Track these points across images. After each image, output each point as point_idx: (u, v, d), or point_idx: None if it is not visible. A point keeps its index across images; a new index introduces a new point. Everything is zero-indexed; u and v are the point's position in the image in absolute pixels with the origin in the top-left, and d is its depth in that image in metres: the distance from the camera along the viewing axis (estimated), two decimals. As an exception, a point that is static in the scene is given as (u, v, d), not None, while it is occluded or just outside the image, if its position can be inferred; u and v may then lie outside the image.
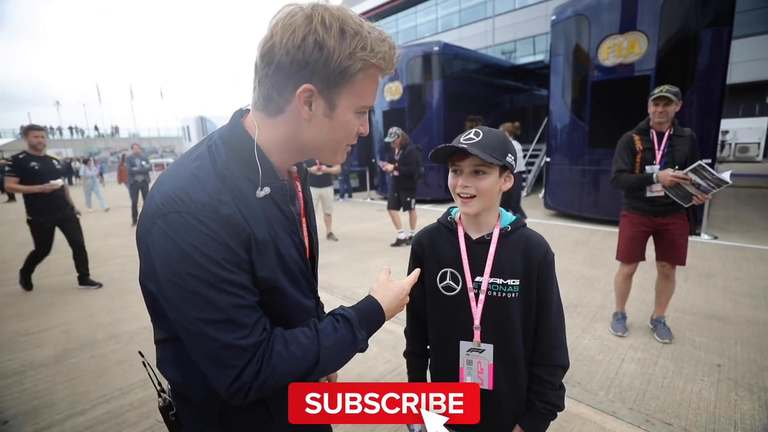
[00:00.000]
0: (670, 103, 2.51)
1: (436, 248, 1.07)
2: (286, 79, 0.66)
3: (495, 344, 1.00)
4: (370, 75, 0.69)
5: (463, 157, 0.95)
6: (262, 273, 0.69)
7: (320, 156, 0.78)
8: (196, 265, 0.61)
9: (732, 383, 2.28)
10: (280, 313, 0.75)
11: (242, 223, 0.65)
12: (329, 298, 3.81)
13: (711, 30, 5.44)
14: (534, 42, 20.44)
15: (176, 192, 0.64)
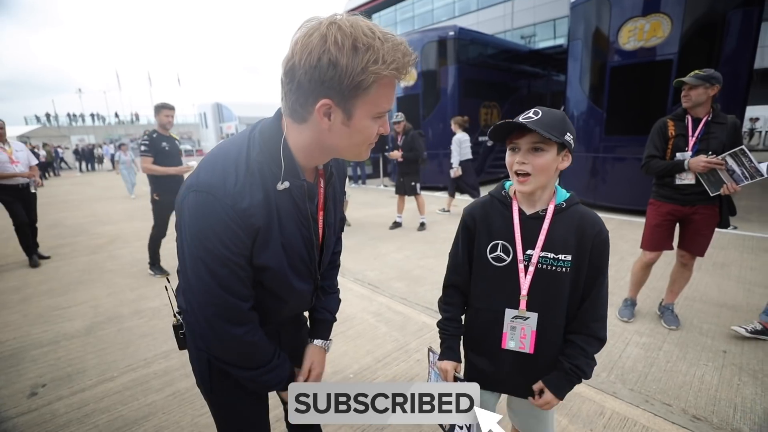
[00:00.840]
0: (695, 87, 2.43)
1: (489, 221, 1.10)
2: (307, 95, 0.73)
3: (539, 313, 1.05)
4: (384, 84, 0.75)
5: (522, 135, 0.98)
6: (258, 260, 0.82)
7: (344, 156, 0.87)
8: (209, 240, 0.76)
9: (736, 369, 2.30)
10: (273, 290, 0.89)
11: (255, 216, 0.78)
12: (341, 280, 3.92)
13: (740, 11, 5.21)
14: (555, 25, 19.80)
15: (214, 175, 0.77)
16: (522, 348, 1.07)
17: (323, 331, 1.13)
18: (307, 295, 1.01)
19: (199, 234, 0.76)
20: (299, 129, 0.80)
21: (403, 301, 3.38)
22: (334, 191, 1.01)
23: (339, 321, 3.05)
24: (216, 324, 0.82)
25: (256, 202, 0.78)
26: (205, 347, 0.89)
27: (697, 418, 1.92)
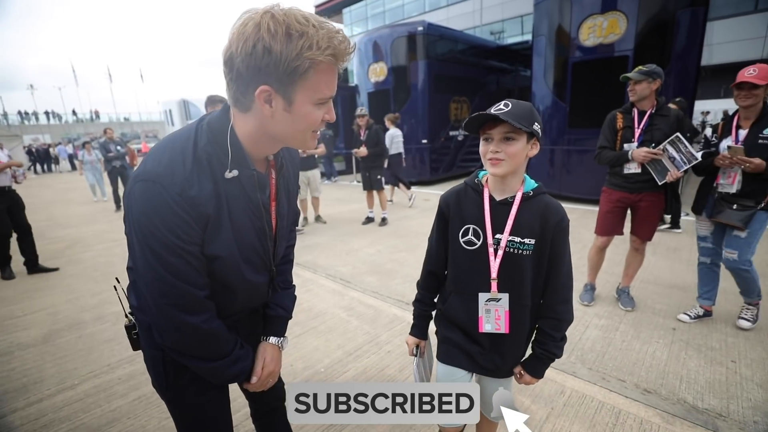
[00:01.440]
0: (639, 82, 2.58)
1: (461, 207, 1.17)
2: (246, 83, 0.75)
3: (509, 293, 1.13)
4: (322, 70, 0.76)
5: (494, 125, 1.04)
6: (209, 249, 0.83)
7: (291, 144, 0.88)
8: (157, 229, 0.76)
9: (683, 344, 2.47)
10: (225, 281, 0.89)
11: (204, 204, 0.78)
12: (313, 276, 3.92)
13: (688, 10, 5.53)
14: (522, 22, 20.25)
15: (161, 164, 0.77)
16: (498, 329, 1.14)
17: (277, 328, 1.13)
18: (261, 287, 1.01)
19: (147, 224, 0.76)
20: (244, 118, 0.82)
21: (375, 295, 3.41)
22: (287, 182, 1.02)
23: (310, 317, 3.07)
24: (171, 313, 0.82)
25: (205, 191, 0.79)
26: (162, 340, 0.88)
27: (647, 391, 2.06)
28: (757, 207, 2.32)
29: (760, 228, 2.36)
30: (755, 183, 2.31)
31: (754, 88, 2.24)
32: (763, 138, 2.27)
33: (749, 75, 2.23)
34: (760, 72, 2.22)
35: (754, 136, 2.31)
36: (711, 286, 2.72)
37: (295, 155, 1.10)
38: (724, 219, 2.42)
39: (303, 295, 3.44)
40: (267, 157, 0.95)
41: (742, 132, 2.38)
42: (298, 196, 1.16)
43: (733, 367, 2.23)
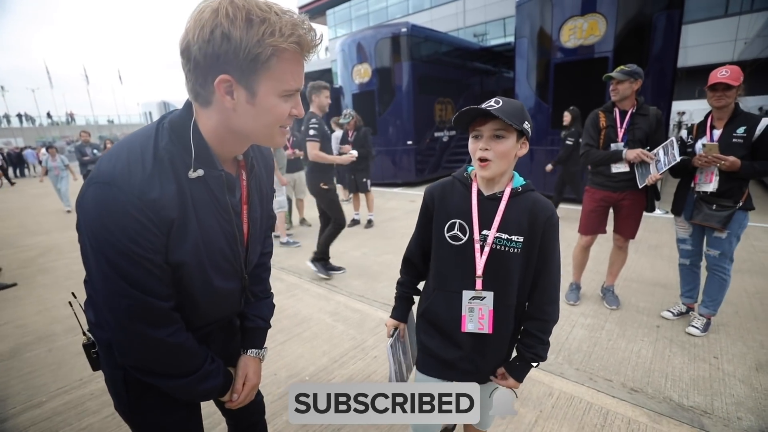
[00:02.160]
0: (621, 82, 2.61)
1: (447, 200, 1.14)
2: (205, 73, 0.70)
3: (494, 292, 1.09)
4: (286, 59, 0.71)
5: (484, 122, 1.01)
6: (174, 256, 0.76)
7: (258, 141, 0.82)
8: (114, 236, 0.69)
9: (668, 341, 2.49)
10: (192, 290, 0.83)
11: (167, 208, 0.72)
12: (298, 281, 3.84)
13: (664, 13, 5.67)
14: (504, 24, 20.52)
15: (118, 166, 0.70)
16: (481, 329, 1.10)
17: (256, 340, 1.07)
18: (233, 296, 0.95)
19: (102, 230, 0.69)
20: (207, 113, 0.76)
21: (361, 299, 3.35)
22: (259, 184, 0.96)
23: (295, 323, 2.99)
24: (133, 328, 0.75)
25: (167, 193, 0.72)
26: (123, 359, 0.81)
27: (634, 390, 2.06)
28: (736, 207, 2.34)
29: (740, 227, 2.39)
30: (732, 181, 2.34)
31: (728, 89, 2.27)
32: (737, 137, 2.31)
33: (722, 76, 2.26)
34: (732, 73, 2.25)
35: (728, 136, 2.34)
36: (693, 285, 2.76)
37: (268, 156, 1.04)
38: (703, 220, 2.44)
39: (287, 300, 3.36)
40: (236, 158, 0.89)
41: (717, 132, 2.41)
42: (275, 199, 1.09)
43: (716, 363, 2.25)
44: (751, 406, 1.92)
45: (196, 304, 0.85)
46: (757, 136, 2.25)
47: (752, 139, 2.27)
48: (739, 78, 2.25)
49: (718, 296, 2.53)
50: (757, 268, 3.61)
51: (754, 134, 2.26)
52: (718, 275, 2.50)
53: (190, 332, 0.86)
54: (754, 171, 2.26)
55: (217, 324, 0.97)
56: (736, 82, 2.24)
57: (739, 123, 2.32)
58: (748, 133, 2.28)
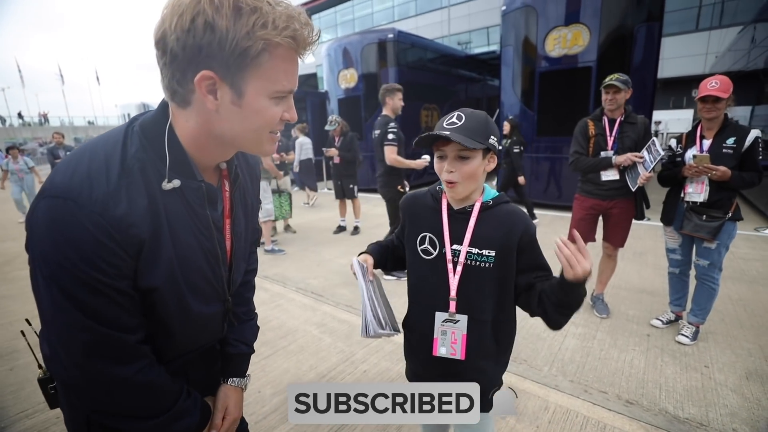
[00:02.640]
0: (619, 91, 2.63)
1: (418, 212, 1.12)
2: (184, 68, 0.60)
3: (468, 315, 1.03)
4: (279, 55, 0.63)
5: (446, 143, 0.96)
6: (145, 281, 0.65)
7: (244, 148, 0.72)
8: (68, 260, 0.58)
9: (659, 351, 2.48)
10: (166, 317, 0.72)
11: (136, 225, 0.61)
12: (282, 290, 3.70)
13: (644, 25, 5.82)
14: (488, 33, 20.90)
15: (76, 176, 0.59)
16: (453, 354, 1.05)
17: (238, 367, 0.96)
18: (215, 322, 0.84)
19: (55, 253, 0.58)
20: (185, 115, 0.66)
21: (349, 309, 3.24)
22: (244, 196, 0.86)
23: (280, 335, 2.87)
24: (92, 367, 0.64)
25: (137, 208, 0.62)
26: (81, 402, 0.70)
27: (629, 403, 2.02)
28: (725, 217, 2.34)
29: (729, 238, 2.40)
30: (722, 192, 2.34)
31: (717, 101, 2.28)
32: (727, 148, 2.32)
33: (712, 87, 2.26)
34: (722, 85, 2.25)
35: (717, 146, 2.35)
36: (682, 293, 2.77)
37: (254, 163, 0.94)
38: (693, 231, 2.43)
39: (272, 311, 3.22)
40: (218, 166, 0.79)
41: (706, 142, 2.41)
42: (262, 207, 0.99)
43: (707, 373, 2.24)
44: (745, 416, 1.91)
45: (172, 333, 0.75)
46: (746, 147, 2.27)
47: (741, 150, 2.28)
48: (729, 89, 2.25)
49: (707, 305, 2.54)
50: (737, 275, 3.68)
51: (743, 145, 2.28)
52: (708, 284, 2.50)
53: (164, 365, 0.75)
54: (743, 181, 2.28)
55: (195, 353, 0.86)
56: (725, 94, 2.25)
57: (728, 134, 2.33)
58: (737, 144, 2.29)
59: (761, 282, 3.50)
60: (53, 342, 0.64)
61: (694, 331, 2.57)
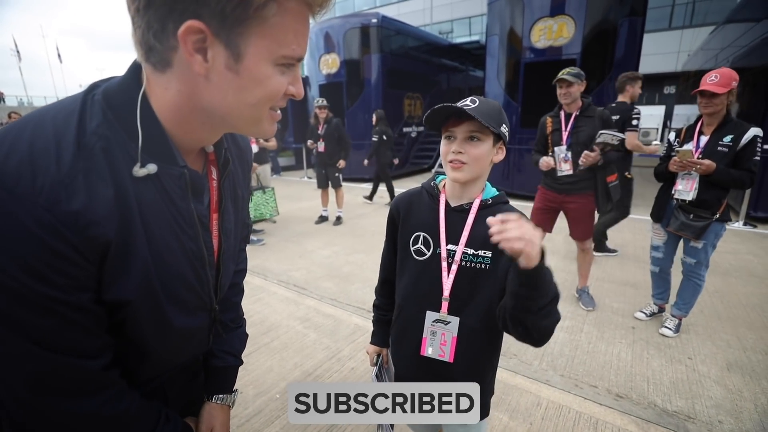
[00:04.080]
0: (571, 85, 2.62)
1: (413, 211, 1.06)
2: (164, 15, 0.45)
3: (460, 317, 0.99)
4: (290, 9, 0.49)
5: (459, 123, 0.92)
6: (112, 293, 0.51)
7: (238, 127, 0.58)
8: (4, 271, 0.43)
9: (644, 343, 2.51)
10: (140, 334, 0.58)
11: (99, 224, 0.46)
12: (263, 283, 3.54)
13: (627, 20, 5.86)
14: (470, 23, 20.85)
15: (11, 159, 0.43)
16: (442, 356, 1.00)
17: (225, 382, 0.84)
18: (199, 334, 0.71)
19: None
20: (164, 81, 0.51)
21: (333, 303, 3.13)
22: (234, 185, 0.72)
23: (262, 331, 2.72)
24: (45, 405, 0.50)
25: (99, 200, 0.47)
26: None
27: (620, 397, 2.02)
28: (713, 218, 2.32)
29: (716, 237, 2.40)
30: (712, 190, 2.30)
31: (714, 97, 2.20)
32: (723, 145, 2.25)
33: (710, 82, 2.19)
34: (722, 78, 2.17)
35: (714, 143, 2.29)
36: (664, 288, 2.81)
37: (245, 147, 0.80)
38: (678, 229, 2.44)
39: (253, 305, 3.07)
40: (204, 149, 0.65)
41: (704, 138, 2.36)
42: (251, 202, 0.86)
43: (691, 365, 2.28)
44: (729, 408, 1.94)
45: (147, 352, 0.61)
46: (741, 145, 2.21)
47: (737, 148, 2.22)
48: (729, 84, 2.15)
49: (692, 300, 2.58)
50: (712, 267, 3.74)
51: (739, 143, 2.21)
52: (694, 281, 2.54)
53: (137, 387, 0.62)
54: (729, 177, 2.23)
55: (175, 371, 0.73)
56: (723, 89, 2.15)
57: (727, 131, 2.26)
58: (734, 141, 2.23)
59: (734, 274, 3.63)
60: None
61: (677, 324, 2.61)
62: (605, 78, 6.01)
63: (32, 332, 0.47)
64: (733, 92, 2.20)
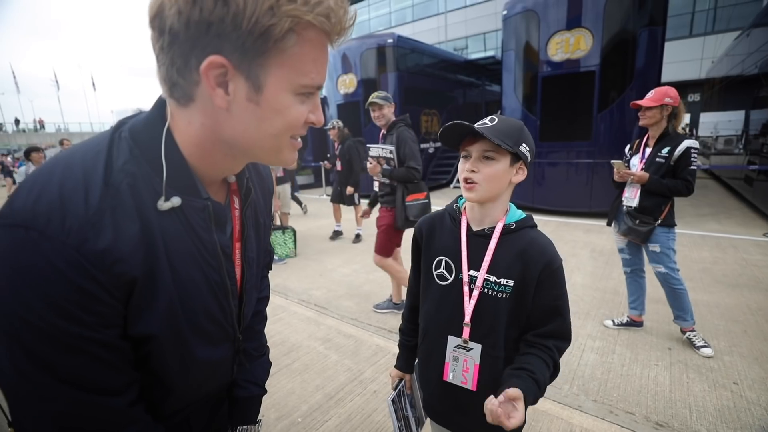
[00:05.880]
0: (382, 107, 2.88)
1: (436, 235, 1.04)
2: (187, 52, 0.47)
3: (482, 343, 0.96)
4: (309, 39, 0.49)
5: (473, 141, 0.91)
6: (137, 329, 0.52)
7: (260, 157, 0.58)
8: (30, 310, 0.44)
9: (683, 366, 2.36)
10: (164, 368, 0.58)
11: (124, 260, 0.47)
12: (284, 302, 3.55)
13: (647, 29, 5.77)
14: (485, 39, 20.99)
15: (43, 199, 0.45)
16: (464, 383, 0.97)
17: (249, 413, 0.83)
18: (222, 366, 0.71)
19: (15, 301, 0.44)
20: (187, 115, 0.52)
21: (354, 322, 3.10)
22: (256, 214, 0.73)
23: (283, 352, 2.71)
24: None
25: (126, 237, 0.48)
26: None
27: (659, 425, 1.90)
28: (655, 224, 2.47)
29: (668, 240, 2.49)
30: (651, 199, 2.47)
31: (648, 110, 2.41)
32: (660, 156, 2.44)
33: (646, 97, 2.41)
34: (655, 95, 2.38)
35: (653, 155, 2.49)
36: (637, 294, 2.80)
37: (266, 175, 0.81)
38: (626, 233, 2.58)
39: (274, 325, 3.08)
40: (226, 179, 0.66)
41: (648, 150, 2.55)
42: (272, 229, 0.86)
43: (738, 390, 2.12)
44: (784, 439, 1.78)
45: (172, 385, 0.61)
46: (676, 156, 2.38)
47: (671, 159, 2.39)
48: (661, 99, 2.35)
49: (684, 305, 2.55)
50: (753, 283, 3.58)
51: (674, 155, 2.38)
52: (672, 287, 2.54)
53: (162, 420, 0.62)
54: (661, 185, 2.40)
55: (199, 404, 0.72)
56: (654, 103, 2.36)
57: (665, 143, 2.44)
58: (670, 153, 2.40)
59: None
60: (18, 414, 0.50)
61: (698, 335, 2.56)
62: (626, 88, 5.90)
63: (59, 370, 0.47)
64: (665, 107, 2.39)
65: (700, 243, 4.82)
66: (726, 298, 3.27)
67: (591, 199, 6.31)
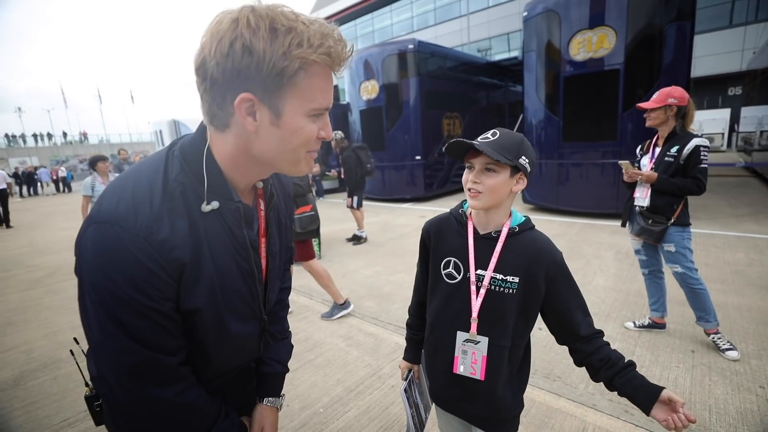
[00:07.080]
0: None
1: (443, 237, 1.12)
2: (223, 92, 0.62)
3: (489, 337, 1.04)
4: (315, 73, 0.64)
5: (476, 154, 0.99)
6: (186, 303, 0.67)
7: (282, 168, 0.74)
8: (117, 285, 0.60)
9: (706, 368, 2.32)
10: (205, 338, 0.73)
11: (178, 248, 0.64)
12: (308, 302, 3.73)
13: (675, 24, 5.61)
14: (508, 39, 20.74)
15: (122, 203, 0.62)
16: (473, 374, 1.06)
17: (274, 387, 0.97)
18: (252, 341, 0.86)
19: (103, 279, 0.60)
20: (223, 138, 0.68)
21: (375, 322, 3.22)
22: (278, 215, 0.88)
23: (307, 348, 2.87)
24: (137, 389, 0.66)
25: (178, 231, 0.64)
26: (125, 424, 0.72)
27: (676, 425, 1.89)
28: (668, 223, 2.46)
29: (682, 239, 2.46)
30: (662, 198, 2.47)
31: (652, 111, 2.42)
32: (669, 156, 2.44)
33: (651, 99, 2.42)
34: (659, 96, 2.38)
35: (662, 154, 2.49)
36: (657, 296, 2.76)
37: (287, 183, 0.97)
38: (639, 234, 2.59)
39: (298, 323, 3.25)
40: (254, 185, 0.81)
41: (657, 150, 2.55)
42: (293, 229, 1.02)
43: (763, 394, 2.08)
44: (809, 443, 1.75)
45: (210, 354, 0.76)
46: (684, 155, 2.37)
47: (680, 158, 2.39)
48: (664, 100, 2.35)
49: (705, 305, 2.50)
50: (790, 286, 3.42)
51: (682, 154, 2.38)
52: (692, 287, 2.50)
53: (208, 384, 0.77)
54: (670, 184, 2.40)
55: (232, 373, 0.87)
56: (657, 104, 2.37)
57: (674, 143, 2.44)
58: (678, 152, 2.40)
59: (817, 293, 3.24)
60: (101, 364, 0.66)
61: (723, 338, 2.50)
62: (653, 86, 5.74)
63: (133, 332, 0.63)
64: (670, 108, 2.38)
65: (735, 244, 4.63)
66: (759, 301, 3.16)
67: (617, 200, 6.15)
